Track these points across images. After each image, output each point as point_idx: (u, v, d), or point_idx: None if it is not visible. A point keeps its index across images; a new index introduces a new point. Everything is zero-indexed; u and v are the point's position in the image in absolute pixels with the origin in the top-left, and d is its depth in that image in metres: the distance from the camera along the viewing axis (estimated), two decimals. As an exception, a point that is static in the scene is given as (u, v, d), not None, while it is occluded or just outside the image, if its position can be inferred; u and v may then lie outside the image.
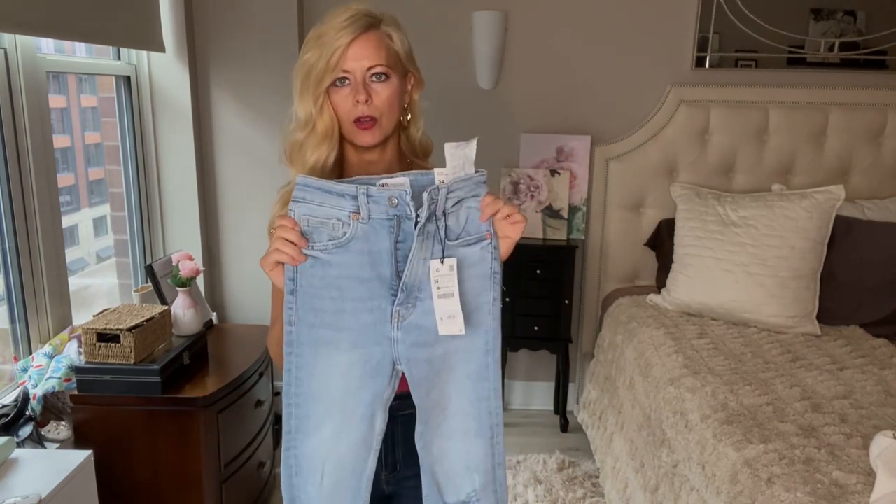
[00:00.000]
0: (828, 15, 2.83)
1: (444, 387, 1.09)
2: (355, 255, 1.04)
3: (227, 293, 2.95)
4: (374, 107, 1.11)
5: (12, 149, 1.93)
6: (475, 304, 1.07)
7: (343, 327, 1.05)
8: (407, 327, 1.06)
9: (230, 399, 2.07)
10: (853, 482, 1.46)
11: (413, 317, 1.06)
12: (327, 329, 1.05)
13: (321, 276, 1.04)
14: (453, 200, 1.04)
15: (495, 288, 1.08)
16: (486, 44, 2.79)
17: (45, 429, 1.87)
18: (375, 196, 1.02)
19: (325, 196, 1.03)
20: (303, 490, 1.10)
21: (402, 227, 1.03)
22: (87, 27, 2.13)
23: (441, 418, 1.10)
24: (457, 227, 1.06)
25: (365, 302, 1.05)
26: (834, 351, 2.26)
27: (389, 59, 1.12)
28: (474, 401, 1.10)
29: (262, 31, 2.72)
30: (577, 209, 2.96)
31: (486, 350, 1.09)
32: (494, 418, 1.11)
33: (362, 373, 1.07)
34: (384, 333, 1.06)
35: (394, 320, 1.06)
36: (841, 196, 2.52)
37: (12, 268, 1.98)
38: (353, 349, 1.06)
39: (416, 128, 1.22)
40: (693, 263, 2.60)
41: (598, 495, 2.49)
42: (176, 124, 2.70)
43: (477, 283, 1.07)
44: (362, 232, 1.03)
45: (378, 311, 1.05)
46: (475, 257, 1.07)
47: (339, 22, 1.09)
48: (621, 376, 2.45)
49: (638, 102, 2.90)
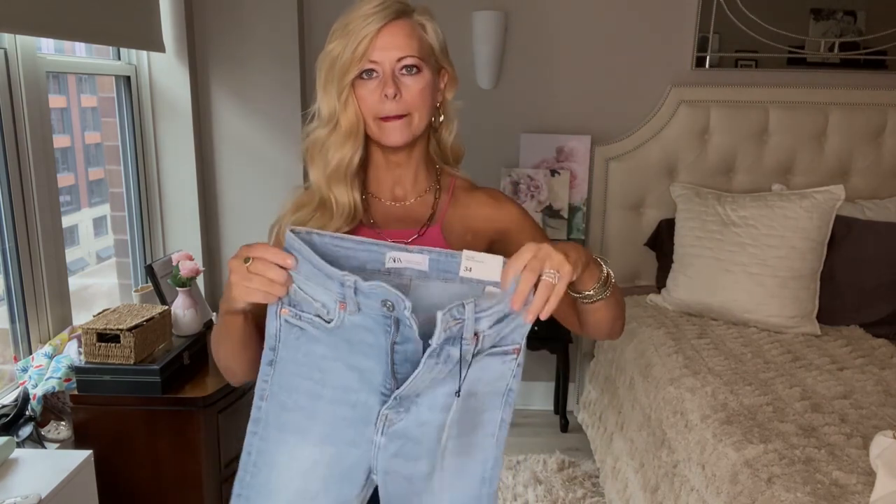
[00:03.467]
0: (828, 15, 2.83)
1: None
2: (344, 340, 0.87)
3: (227, 293, 2.94)
4: (403, 102, 0.99)
5: (12, 149, 1.93)
6: (478, 420, 0.90)
7: (316, 416, 0.88)
8: (392, 434, 0.88)
9: (230, 399, 2.07)
10: (853, 482, 1.46)
11: (402, 424, 0.88)
12: (298, 413, 0.89)
13: (305, 351, 0.87)
14: (492, 319, 0.84)
15: (506, 409, 0.90)
16: (486, 44, 2.79)
17: (45, 429, 1.87)
18: (366, 292, 0.82)
19: (311, 270, 0.84)
20: None
21: (402, 331, 0.84)
22: (87, 27, 2.13)
23: None
24: (492, 339, 0.86)
25: (348, 394, 0.88)
26: (834, 351, 2.26)
27: (422, 50, 1.01)
28: None
29: (262, 31, 2.72)
30: (577, 209, 2.96)
31: (482, 479, 0.92)
32: None
33: (327, 475, 0.89)
34: (364, 435, 0.88)
35: (379, 423, 0.88)
36: (841, 196, 2.52)
37: (12, 268, 1.98)
38: (321, 444, 0.89)
39: (448, 131, 1.10)
40: (693, 263, 2.60)
41: (598, 495, 2.49)
42: (176, 124, 2.70)
43: (486, 399, 0.90)
44: (351, 323, 0.85)
45: (362, 407, 0.88)
46: (494, 370, 0.88)
47: (368, 9, 0.98)
48: (621, 376, 2.45)
49: (638, 102, 2.90)
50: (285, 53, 2.73)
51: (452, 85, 1.09)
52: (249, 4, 2.69)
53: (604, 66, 2.90)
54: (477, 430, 0.91)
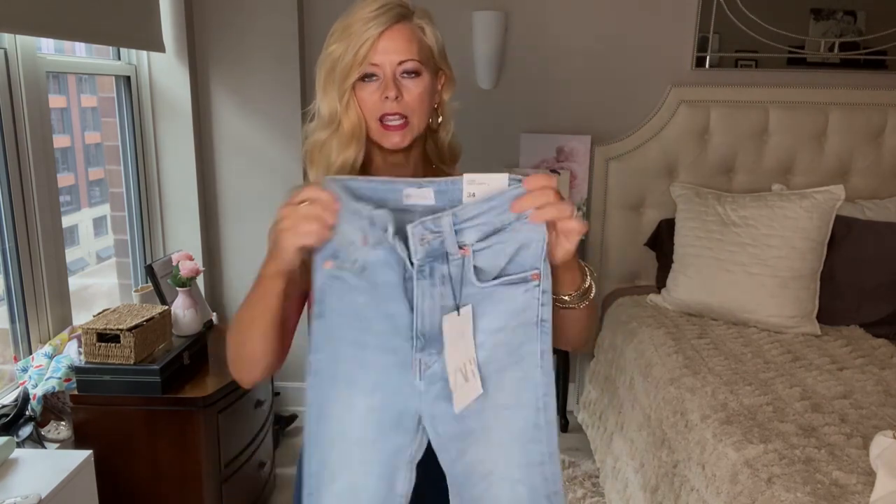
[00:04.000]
0: (828, 15, 2.82)
1: (482, 450, 0.91)
2: (373, 284, 0.89)
3: (227, 293, 2.95)
4: (404, 104, 1.01)
5: (12, 149, 1.93)
6: (519, 354, 0.89)
7: (365, 365, 0.91)
8: (431, 377, 0.89)
9: (230, 399, 2.07)
10: (853, 482, 1.46)
11: (437, 366, 0.89)
12: (349, 363, 0.91)
13: (347, 301, 0.89)
14: (481, 231, 0.85)
15: (544, 339, 0.89)
16: (486, 44, 2.79)
17: (45, 429, 1.88)
18: (376, 220, 0.85)
19: (344, 211, 0.87)
20: None
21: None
22: (87, 27, 2.13)
23: (482, 488, 0.92)
24: (494, 264, 0.87)
25: (388, 340, 0.90)
26: (834, 351, 2.26)
27: (421, 53, 1.02)
28: (524, 466, 0.91)
29: (262, 31, 2.72)
30: (577, 209, 2.96)
31: (536, 408, 0.90)
32: (552, 485, 0.92)
33: (381, 421, 0.91)
34: (407, 380, 0.90)
35: (415, 368, 0.89)
36: (841, 196, 2.52)
37: (12, 268, 1.98)
38: (373, 393, 0.91)
39: (445, 131, 1.11)
40: (693, 263, 2.60)
41: (598, 495, 2.49)
42: (176, 124, 2.70)
43: (519, 333, 0.89)
44: (374, 259, 0.87)
45: (401, 352, 0.90)
46: (516, 301, 0.88)
47: (369, 12, 0.99)
48: (621, 376, 2.45)
49: (638, 102, 2.90)
50: (285, 53, 2.73)
51: (450, 86, 1.10)
52: (249, 4, 2.69)
53: (604, 66, 2.90)
54: (521, 363, 0.90)
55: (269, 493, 2.45)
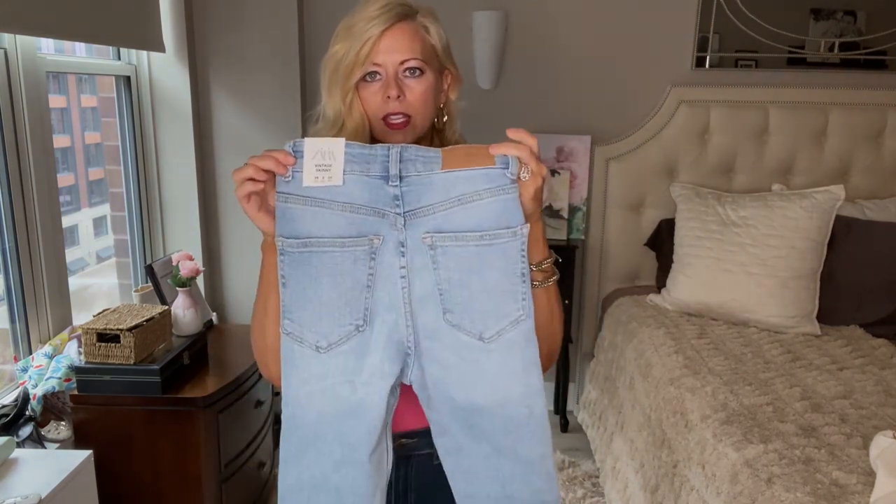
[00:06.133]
0: (828, 15, 2.82)
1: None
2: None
3: (227, 293, 2.95)
4: (406, 104, 1.00)
5: (12, 149, 1.93)
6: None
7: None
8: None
9: (230, 399, 2.07)
10: (853, 482, 1.46)
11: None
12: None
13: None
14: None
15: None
16: (486, 44, 2.79)
17: (45, 429, 1.87)
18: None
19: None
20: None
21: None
22: (87, 27, 2.13)
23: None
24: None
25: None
26: (834, 351, 2.26)
27: (424, 52, 1.01)
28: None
29: (262, 31, 2.72)
30: (577, 209, 2.96)
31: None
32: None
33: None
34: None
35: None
36: (841, 196, 2.52)
37: (12, 268, 1.98)
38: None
39: (451, 130, 1.11)
40: (693, 263, 2.60)
41: (598, 495, 2.49)
42: (176, 124, 2.70)
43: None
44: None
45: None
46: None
47: (371, 11, 0.99)
48: (621, 376, 2.45)
49: (638, 102, 2.90)
50: (285, 53, 2.73)
51: (456, 85, 1.09)
52: (249, 4, 2.69)
53: (604, 66, 2.90)
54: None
55: (269, 493, 2.45)
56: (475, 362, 0.92)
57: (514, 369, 0.92)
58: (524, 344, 0.92)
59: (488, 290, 0.91)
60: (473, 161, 0.91)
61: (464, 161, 0.91)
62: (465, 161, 0.91)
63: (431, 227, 0.91)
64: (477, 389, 0.92)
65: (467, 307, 0.91)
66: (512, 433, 0.93)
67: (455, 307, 0.91)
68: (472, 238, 0.91)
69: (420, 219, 0.91)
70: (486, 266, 0.91)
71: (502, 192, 0.91)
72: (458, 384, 0.92)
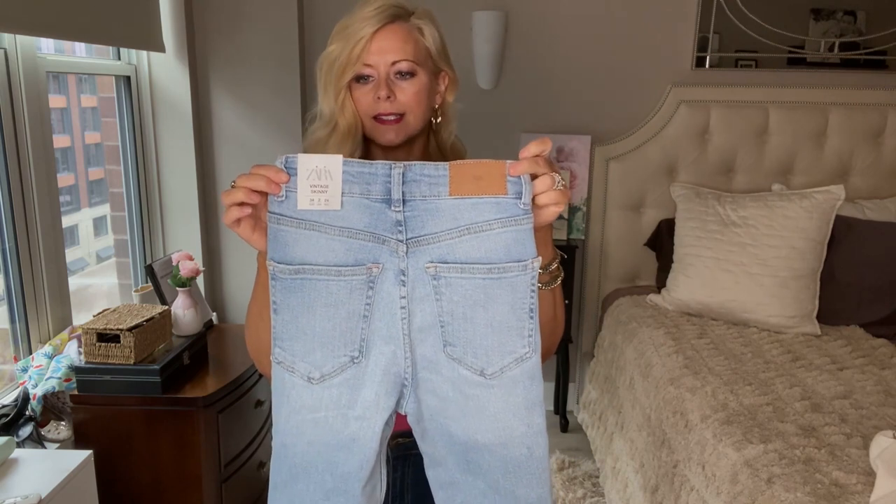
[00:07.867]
0: (828, 15, 2.83)
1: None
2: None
3: (227, 293, 2.95)
4: (398, 104, 1.01)
5: (12, 149, 1.93)
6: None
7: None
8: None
9: (230, 399, 2.07)
10: (853, 482, 1.46)
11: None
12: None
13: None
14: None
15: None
16: (486, 44, 2.79)
17: (45, 429, 1.87)
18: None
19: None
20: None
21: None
22: (87, 27, 2.13)
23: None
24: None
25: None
26: (834, 351, 2.26)
27: (417, 54, 1.01)
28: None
29: (262, 31, 2.72)
30: (577, 209, 2.96)
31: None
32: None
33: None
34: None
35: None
36: (841, 196, 2.52)
37: (12, 268, 1.98)
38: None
39: (447, 131, 1.11)
40: (693, 263, 2.60)
41: (598, 495, 2.49)
42: (176, 124, 2.70)
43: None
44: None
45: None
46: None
47: (366, 12, 1.00)
48: (621, 376, 2.45)
49: (638, 102, 2.90)
50: (285, 53, 2.73)
51: (453, 87, 1.10)
52: (249, 4, 2.69)
53: (604, 66, 2.90)
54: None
55: (269, 493, 2.45)
56: (475, 398, 0.87)
57: (517, 408, 0.87)
58: (528, 382, 0.87)
59: (493, 326, 0.86)
60: (483, 188, 0.84)
61: (473, 187, 0.84)
62: (474, 187, 0.84)
63: (436, 257, 0.85)
64: (476, 425, 0.88)
65: (470, 342, 0.86)
66: (511, 474, 0.89)
67: (457, 341, 0.86)
68: (480, 271, 0.85)
69: (424, 247, 0.85)
70: (493, 300, 0.85)
71: (514, 222, 0.84)
72: (457, 418, 0.88)
